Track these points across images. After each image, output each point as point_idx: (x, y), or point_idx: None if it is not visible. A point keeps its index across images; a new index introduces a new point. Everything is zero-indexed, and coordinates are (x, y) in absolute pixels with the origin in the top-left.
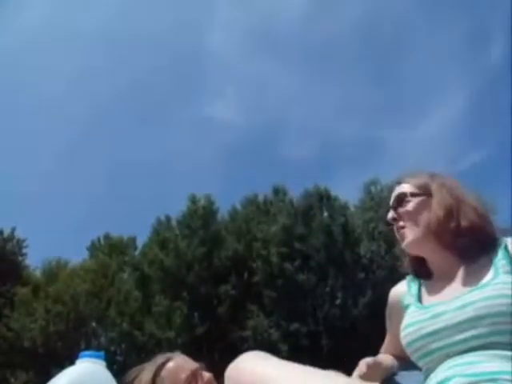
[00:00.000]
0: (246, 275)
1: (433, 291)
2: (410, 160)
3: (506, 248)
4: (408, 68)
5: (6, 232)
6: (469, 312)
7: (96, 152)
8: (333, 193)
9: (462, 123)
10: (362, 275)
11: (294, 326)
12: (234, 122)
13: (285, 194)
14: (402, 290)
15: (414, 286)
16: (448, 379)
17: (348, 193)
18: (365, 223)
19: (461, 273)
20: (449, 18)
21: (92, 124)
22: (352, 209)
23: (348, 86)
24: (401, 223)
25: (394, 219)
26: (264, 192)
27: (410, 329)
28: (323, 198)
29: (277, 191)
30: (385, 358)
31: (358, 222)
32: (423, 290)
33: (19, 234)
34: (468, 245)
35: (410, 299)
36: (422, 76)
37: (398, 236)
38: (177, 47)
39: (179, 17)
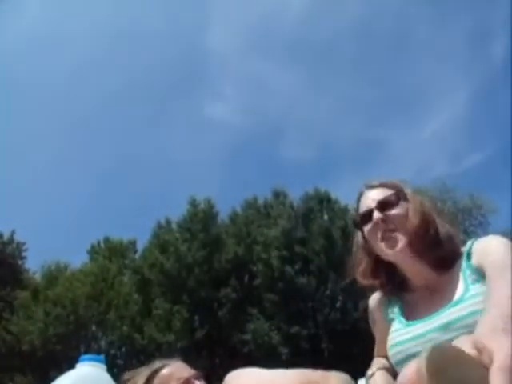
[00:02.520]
0: (246, 279)
1: (413, 305)
2: (411, 161)
3: (468, 255)
4: (408, 68)
5: (6, 235)
6: (452, 332)
7: (95, 154)
8: (333, 195)
9: (463, 123)
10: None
11: (295, 329)
12: (234, 122)
13: (285, 196)
14: (381, 297)
15: (394, 297)
16: None
17: (349, 194)
18: None
19: (436, 285)
20: (450, 17)
21: (91, 126)
22: (353, 212)
23: (348, 86)
24: (391, 226)
25: (383, 221)
26: (264, 195)
27: (396, 349)
28: (323, 201)
29: (277, 194)
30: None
31: None
32: (405, 300)
33: (19, 237)
34: (443, 256)
35: (392, 312)
36: (422, 76)
37: (379, 239)
38: (177, 47)
39: (179, 16)
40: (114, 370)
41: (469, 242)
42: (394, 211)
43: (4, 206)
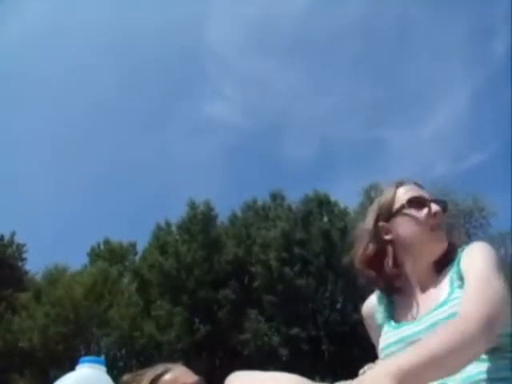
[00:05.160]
0: (246, 280)
1: (404, 306)
2: (412, 161)
3: (459, 260)
4: (410, 67)
5: (6, 237)
6: None
7: (94, 156)
8: (333, 197)
9: (464, 123)
10: (363, 280)
11: (295, 330)
12: (234, 122)
13: (283, 199)
14: (373, 303)
15: (385, 301)
16: None
17: (350, 194)
18: None
19: (427, 287)
20: (450, 16)
21: (90, 127)
22: (353, 214)
23: (348, 85)
24: (442, 224)
25: (440, 214)
26: (264, 196)
27: (385, 352)
28: (323, 204)
29: (275, 197)
30: None
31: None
32: (396, 303)
33: (19, 239)
34: (446, 259)
35: (382, 317)
36: (423, 75)
37: (430, 227)
38: (175, 46)
39: (177, 15)
40: (114, 371)
41: (460, 249)
42: (444, 215)
43: (4, 208)
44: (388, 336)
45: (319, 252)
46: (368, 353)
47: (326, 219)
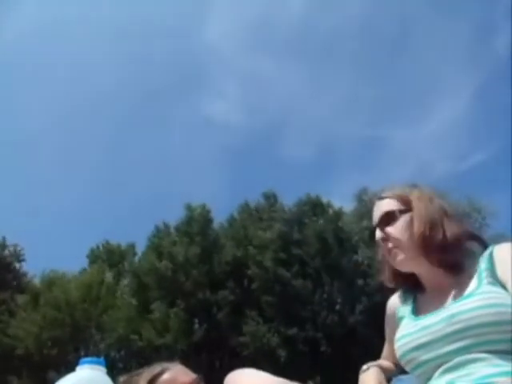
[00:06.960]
0: (245, 281)
1: (425, 303)
2: (412, 160)
3: (490, 256)
4: (410, 66)
5: (4, 238)
6: (455, 324)
7: (93, 155)
8: (330, 199)
9: (464, 123)
10: (360, 281)
11: (293, 331)
12: (234, 122)
13: (276, 199)
14: (397, 300)
15: (409, 297)
16: None
17: (350, 193)
18: (362, 230)
19: (450, 284)
20: (452, 14)
21: (89, 128)
22: (349, 215)
23: (349, 84)
24: (390, 244)
25: (384, 239)
26: (259, 198)
27: (402, 341)
28: (317, 207)
29: (268, 198)
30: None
31: (355, 228)
32: (418, 300)
33: (17, 240)
34: (455, 259)
35: (404, 311)
36: (424, 74)
37: (386, 254)
38: (177, 45)
39: (177, 13)
40: (114, 372)
41: (489, 247)
42: (392, 228)
43: (4, 208)
44: (407, 327)
45: (315, 254)
46: (366, 353)
47: (322, 221)
